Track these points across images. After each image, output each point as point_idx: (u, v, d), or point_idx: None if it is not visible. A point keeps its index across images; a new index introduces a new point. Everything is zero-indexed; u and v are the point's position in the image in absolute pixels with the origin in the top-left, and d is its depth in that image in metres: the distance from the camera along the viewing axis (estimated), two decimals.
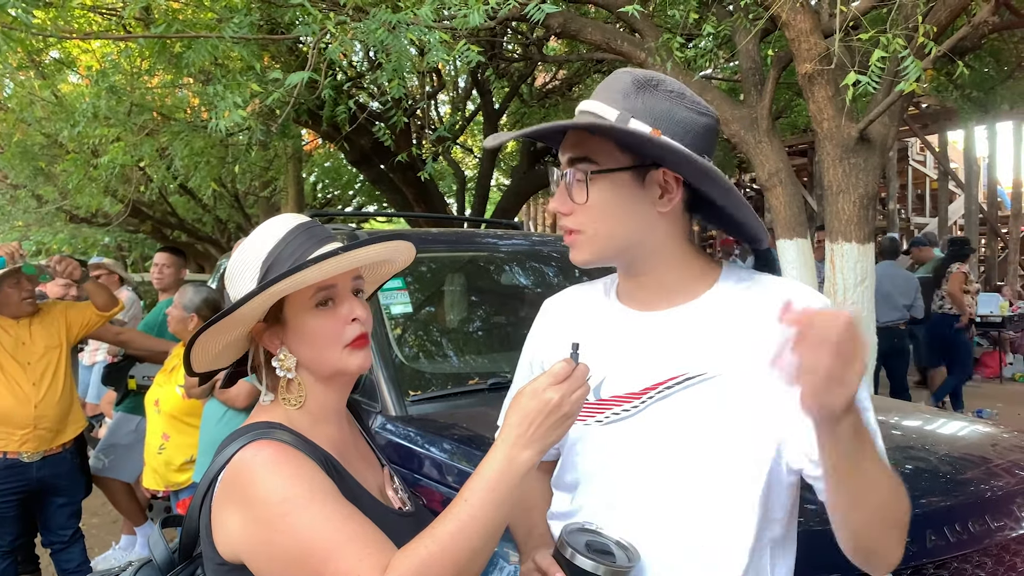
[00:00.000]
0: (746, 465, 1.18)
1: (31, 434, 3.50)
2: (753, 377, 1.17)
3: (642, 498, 1.20)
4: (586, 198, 1.21)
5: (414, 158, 7.16)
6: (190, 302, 3.55)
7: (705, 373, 1.19)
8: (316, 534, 1.03)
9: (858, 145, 3.99)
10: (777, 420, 1.17)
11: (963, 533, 1.77)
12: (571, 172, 1.23)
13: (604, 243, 1.23)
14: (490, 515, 1.03)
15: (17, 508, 3.56)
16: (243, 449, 1.11)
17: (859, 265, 4.15)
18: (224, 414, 3.14)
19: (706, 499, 1.18)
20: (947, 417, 2.84)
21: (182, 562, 1.24)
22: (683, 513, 1.18)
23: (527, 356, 1.49)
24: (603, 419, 1.25)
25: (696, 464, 1.18)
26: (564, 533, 1.15)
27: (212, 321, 1.14)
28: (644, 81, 1.20)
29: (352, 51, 6.54)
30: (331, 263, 1.15)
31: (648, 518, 1.18)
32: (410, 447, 2.39)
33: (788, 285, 1.26)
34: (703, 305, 1.25)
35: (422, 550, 1.01)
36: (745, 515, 1.18)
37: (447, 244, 3.63)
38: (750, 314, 1.21)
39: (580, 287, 1.47)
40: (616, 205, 1.21)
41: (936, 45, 3.30)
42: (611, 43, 4.62)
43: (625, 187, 1.22)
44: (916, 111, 13.12)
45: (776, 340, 1.08)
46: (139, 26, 6.18)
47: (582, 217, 1.23)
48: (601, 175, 1.21)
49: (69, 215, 12.41)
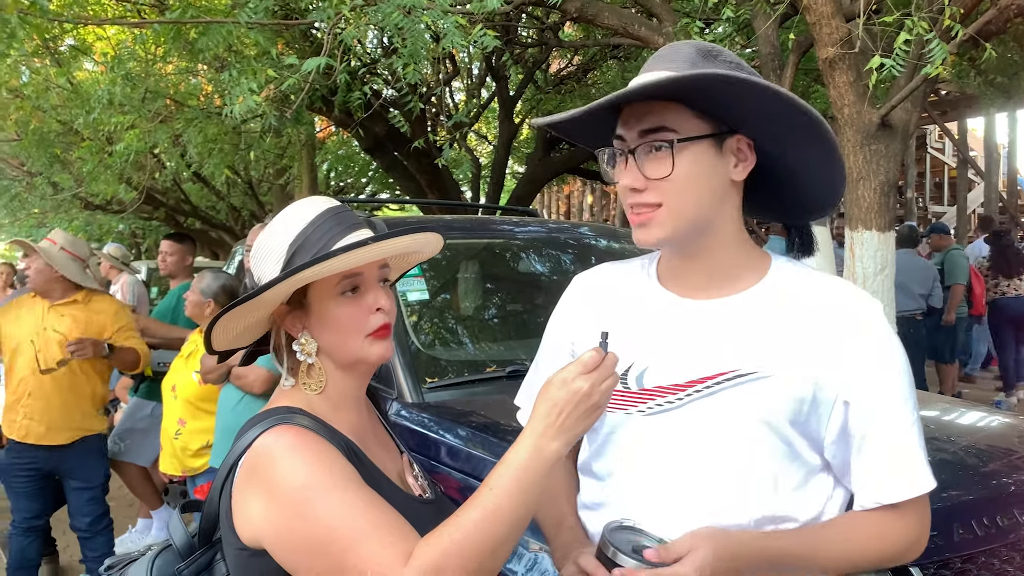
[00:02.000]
0: (792, 470, 1.17)
1: (23, 423, 3.51)
2: (803, 382, 1.15)
3: (680, 495, 1.17)
4: (671, 169, 1.14)
5: (429, 145, 7.14)
6: (207, 287, 3.56)
7: (757, 372, 1.16)
8: (338, 521, 1.02)
9: (879, 131, 3.93)
10: (825, 426, 1.16)
11: (991, 527, 1.74)
12: (644, 147, 1.16)
13: (686, 218, 1.17)
14: (516, 505, 1.01)
15: (32, 485, 3.59)
16: (264, 434, 1.10)
17: (879, 254, 4.10)
18: (240, 400, 3.14)
19: (748, 501, 1.15)
20: (966, 408, 2.80)
21: (201, 547, 1.23)
22: (722, 514, 1.15)
23: (554, 336, 1.44)
24: (645, 409, 1.21)
25: (740, 465, 1.16)
26: (606, 532, 1.12)
27: (237, 302, 1.13)
28: (707, 51, 1.17)
29: (366, 37, 6.51)
30: (361, 252, 1.13)
31: (685, 515, 1.15)
32: (426, 434, 2.38)
33: (841, 286, 1.22)
34: (755, 297, 1.21)
35: (446, 538, 0.99)
36: (787, 524, 1.16)
37: (463, 231, 3.61)
38: (804, 312, 1.18)
39: (615, 265, 1.41)
40: (699, 176, 1.16)
41: (962, 28, 3.24)
42: (628, 28, 4.57)
43: (706, 155, 1.16)
44: (935, 98, 12.94)
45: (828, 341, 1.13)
46: (153, 12, 6.18)
47: (660, 192, 1.16)
48: (686, 143, 1.15)
49: (84, 202, 12.48)
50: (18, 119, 8.88)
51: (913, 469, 1.16)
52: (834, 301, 1.19)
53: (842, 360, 1.15)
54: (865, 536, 1.17)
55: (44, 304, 3.63)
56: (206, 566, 1.21)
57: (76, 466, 3.67)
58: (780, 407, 1.15)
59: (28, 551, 3.67)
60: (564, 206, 22.81)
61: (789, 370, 1.15)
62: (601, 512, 1.25)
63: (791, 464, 1.16)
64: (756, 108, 1.15)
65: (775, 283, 1.22)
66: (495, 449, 2.11)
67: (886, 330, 1.18)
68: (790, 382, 1.14)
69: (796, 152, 1.20)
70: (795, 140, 1.19)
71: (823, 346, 1.15)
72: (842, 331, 1.16)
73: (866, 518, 1.18)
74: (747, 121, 1.17)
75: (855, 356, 1.15)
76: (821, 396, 1.15)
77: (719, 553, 1.07)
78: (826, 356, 1.15)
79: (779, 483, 1.16)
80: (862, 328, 1.16)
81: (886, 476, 1.15)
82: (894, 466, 1.15)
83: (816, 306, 1.18)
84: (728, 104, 1.14)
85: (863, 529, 1.17)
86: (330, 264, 1.11)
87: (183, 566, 1.21)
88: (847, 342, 1.15)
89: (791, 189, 1.27)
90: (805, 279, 1.23)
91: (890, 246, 4.14)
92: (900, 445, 1.16)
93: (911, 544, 1.20)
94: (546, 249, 3.73)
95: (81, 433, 3.66)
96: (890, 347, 1.18)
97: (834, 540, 1.17)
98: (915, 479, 1.16)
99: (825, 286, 1.21)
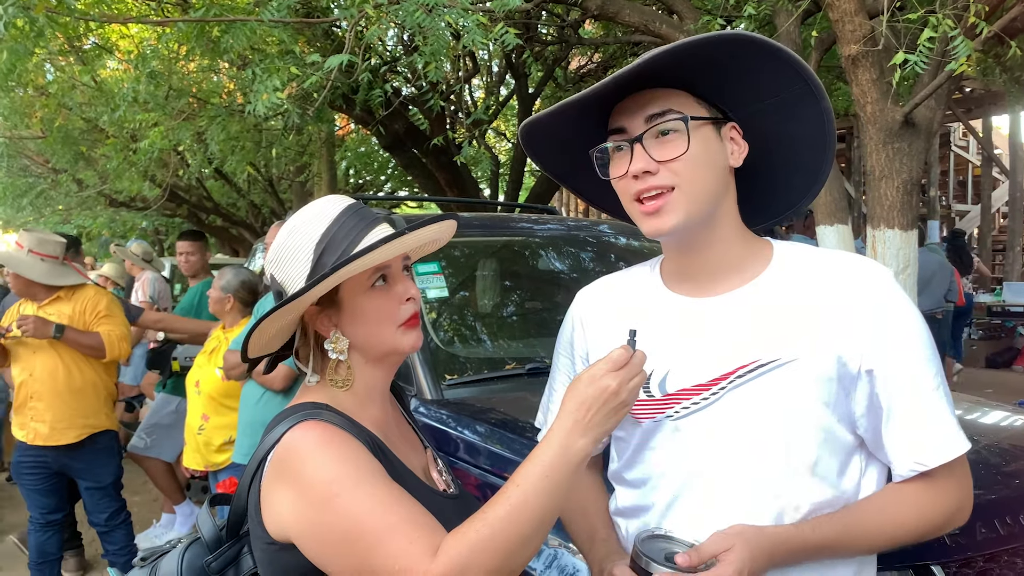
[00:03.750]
0: (830, 454, 1.16)
1: (30, 426, 3.51)
2: (826, 360, 1.14)
3: (717, 495, 1.17)
4: (686, 147, 1.14)
5: (448, 142, 7.15)
6: (228, 283, 3.61)
7: (779, 359, 1.15)
8: (366, 516, 1.03)
9: (902, 129, 3.89)
10: (855, 400, 1.16)
11: (1014, 526, 1.72)
12: (656, 128, 1.15)
13: (699, 201, 1.17)
14: (543, 501, 1.02)
15: (45, 482, 3.60)
16: (292, 430, 1.11)
17: (901, 252, 4.06)
18: (262, 395, 3.18)
19: (792, 492, 1.15)
20: (989, 407, 2.78)
21: (229, 540, 1.25)
22: (763, 509, 1.15)
23: (565, 354, 1.43)
24: (673, 414, 1.21)
25: (777, 457, 1.15)
26: (638, 542, 1.12)
27: (279, 305, 1.14)
28: None
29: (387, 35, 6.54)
30: (395, 244, 1.15)
31: (724, 516, 1.15)
32: (445, 430, 2.40)
33: (848, 258, 1.22)
34: (764, 285, 1.21)
35: (472, 533, 1.00)
36: (827, 510, 1.15)
37: (483, 228, 3.63)
38: (815, 291, 1.18)
39: (616, 276, 1.41)
40: (708, 157, 1.17)
41: (987, 25, 3.20)
42: (649, 25, 4.55)
43: (712, 139, 1.18)
44: (960, 95, 12.79)
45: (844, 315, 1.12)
46: (176, 11, 6.24)
47: (673, 174, 1.15)
48: (697, 123, 1.15)
49: (109, 199, 12.60)
50: (43, 117, 8.99)
51: (944, 432, 1.14)
52: (843, 274, 1.18)
53: (860, 330, 1.14)
54: (901, 510, 1.15)
55: (33, 307, 3.60)
56: (233, 559, 1.23)
57: (85, 467, 3.66)
58: (808, 390, 1.14)
59: (47, 546, 3.68)
60: (583, 204, 22.76)
61: (810, 351, 1.14)
62: (641, 518, 1.26)
63: (829, 447, 1.15)
64: (754, 82, 1.16)
65: (782, 268, 1.22)
66: (514, 446, 2.12)
67: (900, 295, 1.17)
68: (813, 363, 1.14)
69: (785, 128, 1.21)
70: (788, 114, 1.19)
71: (839, 320, 1.15)
72: (856, 302, 1.15)
73: (901, 491, 1.16)
74: (742, 101, 1.18)
75: (872, 324, 1.14)
76: (846, 370, 1.14)
77: (755, 552, 1.07)
78: (843, 330, 1.14)
79: (819, 469, 1.15)
80: (875, 296, 1.16)
81: (917, 441, 1.13)
82: (924, 430, 1.13)
83: (826, 282, 1.18)
84: (728, 80, 1.15)
85: (898, 503, 1.16)
86: (370, 257, 1.12)
87: (211, 559, 1.24)
88: (862, 312, 1.14)
89: (772, 181, 1.28)
90: (811, 258, 1.23)
91: (913, 245, 4.10)
92: (927, 409, 1.14)
93: (952, 513, 1.18)
94: (565, 247, 3.73)
95: (88, 431, 3.61)
96: (906, 312, 1.16)
97: (871, 520, 1.15)
98: (947, 442, 1.13)
99: (832, 261, 1.21)
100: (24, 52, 4.75)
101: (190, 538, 1.32)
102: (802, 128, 1.24)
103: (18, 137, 10.53)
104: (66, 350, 3.56)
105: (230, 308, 3.64)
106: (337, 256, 1.15)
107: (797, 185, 1.31)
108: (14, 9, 3.39)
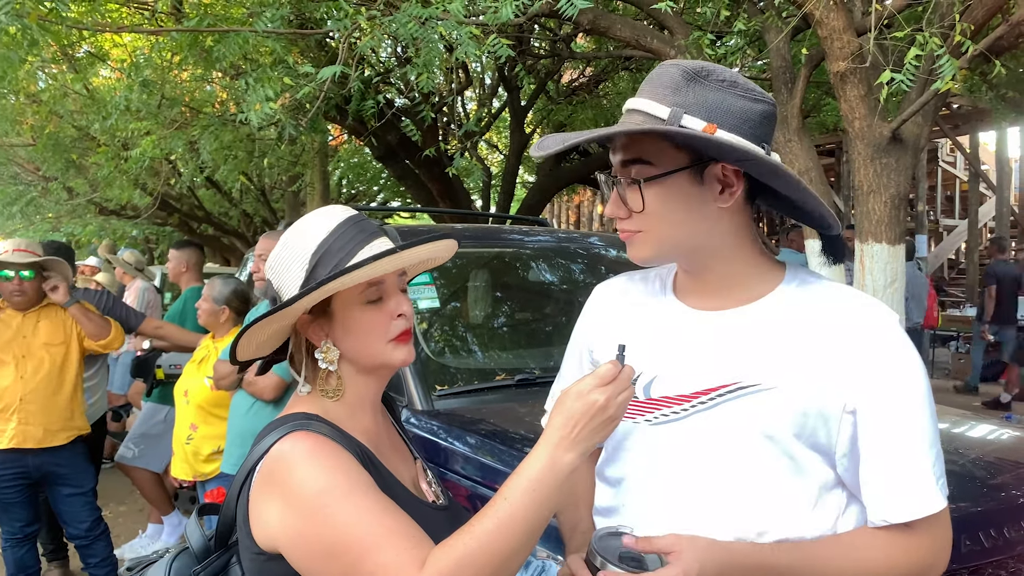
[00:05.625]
0: (799, 485, 1.15)
1: (18, 429, 3.46)
2: (807, 393, 1.12)
3: (684, 506, 1.18)
4: (642, 206, 1.16)
5: (441, 154, 7.18)
6: (220, 294, 3.59)
7: (759, 384, 1.14)
8: (354, 528, 1.03)
9: (890, 145, 3.94)
10: (835, 439, 1.13)
11: (998, 539, 1.74)
12: (623, 179, 1.17)
13: (665, 244, 1.19)
14: (530, 515, 1.02)
15: (22, 494, 3.54)
16: (282, 440, 1.11)
17: (889, 266, 4.10)
18: (251, 405, 3.16)
19: (756, 517, 1.15)
20: (976, 421, 2.80)
21: (217, 550, 1.24)
22: (724, 526, 1.14)
23: (576, 346, 1.46)
24: (652, 419, 1.22)
25: (740, 478, 1.15)
26: (594, 539, 1.12)
27: (270, 312, 1.14)
28: (694, 73, 1.14)
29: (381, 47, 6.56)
30: (390, 260, 1.15)
31: (689, 526, 1.14)
32: (436, 441, 2.40)
33: (852, 297, 1.19)
34: (763, 309, 1.20)
35: (460, 546, 1.00)
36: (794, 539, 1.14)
37: (475, 240, 3.64)
38: (813, 323, 1.15)
39: (634, 276, 1.42)
40: (674, 208, 1.16)
41: (973, 44, 3.25)
42: (640, 40, 4.59)
43: (683, 188, 1.15)
44: (947, 111, 12.92)
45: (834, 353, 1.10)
46: (170, 20, 6.25)
47: (640, 222, 1.17)
48: (656, 180, 1.15)
49: (99, 207, 12.58)
50: (34, 124, 8.98)
51: (920, 486, 1.09)
52: (844, 311, 1.16)
53: (849, 369, 1.11)
54: (870, 556, 1.12)
55: (16, 314, 3.58)
56: (222, 569, 1.23)
57: (69, 471, 3.63)
58: (782, 420, 1.12)
59: (27, 559, 3.62)
60: (574, 216, 22.83)
61: (793, 382, 1.12)
62: (613, 518, 1.27)
63: (797, 478, 1.14)
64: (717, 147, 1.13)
65: (786, 294, 1.20)
66: (504, 457, 2.13)
67: (900, 340, 1.13)
68: (793, 394, 1.12)
69: (770, 181, 1.19)
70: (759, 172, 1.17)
71: (830, 356, 1.12)
72: (850, 341, 1.12)
73: (873, 536, 1.12)
74: (724, 155, 1.14)
75: (862, 365, 1.11)
76: (828, 407, 1.12)
77: (706, 563, 1.06)
78: (832, 366, 1.12)
79: (784, 497, 1.14)
80: (872, 337, 1.12)
81: (890, 493, 1.10)
82: (899, 482, 1.09)
83: (826, 316, 1.15)
84: (696, 142, 1.13)
85: (868, 548, 1.12)
86: (361, 272, 1.13)
87: (199, 568, 1.23)
88: (855, 351, 1.12)
89: (791, 204, 1.26)
90: (817, 290, 1.20)
91: (900, 259, 4.14)
92: (908, 460, 1.09)
93: (923, 567, 1.13)
94: (556, 258, 3.75)
95: (75, 432, 3.65)
96: (902, 358, 1.12)
97: (836, 556, 1.12)
98: (921, 498, 1.09)
99: (837, 296, 1.18)
100: (16, 60, 4.75)
101: (178, 548, 1.32)
102: None
103: (9, 145, 10.50)
104: (56, 352, 3.58)
105: (224, 319, 3.63)
106: (331, 267, 1.15)
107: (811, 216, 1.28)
108: (7, 17, 3.39)
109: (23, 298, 3.54)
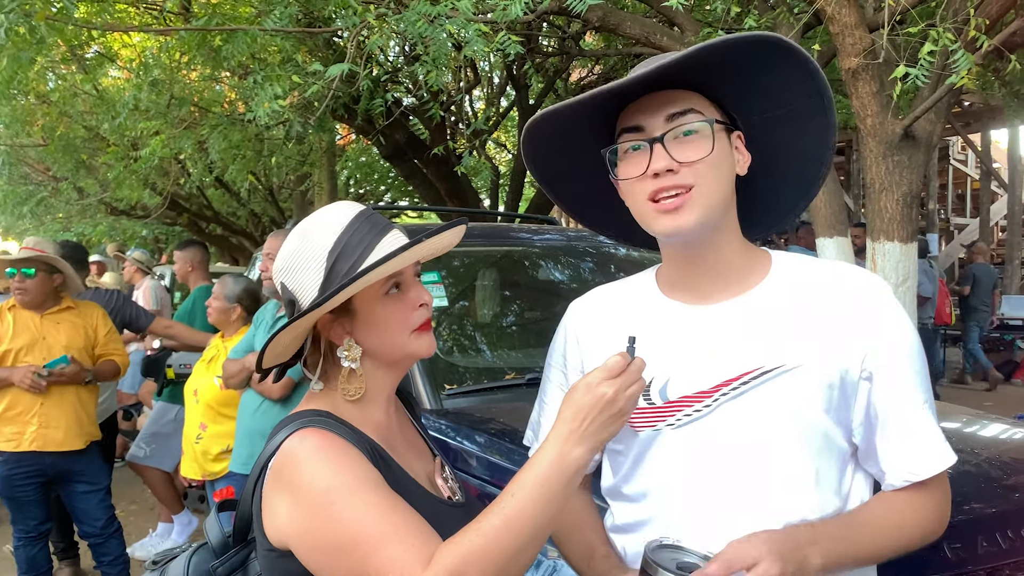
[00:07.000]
0: (830, 461, 1.16)
1: (38, 432, 3.47)
2: (830, 365, 1.15)
3: (723, 502, 1.15)
4: (711, 149, 1.14)
5: (449, 152, 7.17)
6: (232, 292, 3.59)
7: (783, 365, 1.15)
8: (361, 524, 1.02)
9: (902, 142, 3.90)
10: (853, 409, 1.17)
11: (1016, 539, 1.72)
12: (677, 128, 1.14)
13: (716, 203, 1.16)
14: (539, 511, 1.01)
15: (37, 492, 3.55)
16: (291, 437, 1.11)
17: (901, 265, 4.07)
18: (260, 404, 3.16)
19: (797, 498, 1.14)
20: (987, 420, 2.77)
21: (236, 545, 1.25)
22: (773, 514, 1.13)
23: (558, 368, 1.39)
24: (674, 422, 1.20)
25: (780, 462, 1.14)
26: (647, 551, 1.07)
27: (301, 314, 1.13)
28: None
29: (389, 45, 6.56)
30: (413, 252, 1.15)
31: (735, 522, 1.12)
32: (445, 440, 2.39)
33: (845, 268, 1.23)
34: (766, 293, 1.21)
35: (467, 543, 1.00)
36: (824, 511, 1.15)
37: (483, 238, 3.63)
38: (817, 299, 1.18)
39: (609, 287, 1.39)
40: (725, 160, 1.17)
41: (988, 39, 3.21)
42: (650, 37, 4.57)
43: (727, 145, 1.18)
44: (959, 109, 12.83)
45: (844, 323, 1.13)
46: (179, 20, 6.26)
47: (693, 174, 1.13)
48: (720, 125, 1.16)
49: (109, 207, 12.62)
50: (44, 125, 9.01)
51: (935, 444, 1.16)
52: (842, 283, 1.19)
53: (859, 338, 1.15)
54: (902, 516, 1.17)
55: (35, 315, 3.57)
56: (240, 564, 1.24)
57: (84, 469, 3.64)
58: (812, 397, 1.14)
59: (40, 558, 3.63)
60: None
61: (815, 358, 1.14)
62: (641, 532, 1.23)
63: (829, 455, 1.16)
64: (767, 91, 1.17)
65: (782, 276, 1.22)
66: (513, 456, 2.11)
67: (896, 306, 1.19)
68: (817, 370, 1.14)
69: (787, 140, 1.22)
70: (792, 127, 1.20)
71: (839, 328, 1.16)
72: (856, 309, 1.16)
73: (899, 498, 1.17)
74: (750, 110, 1.19)
75: (870, 332, 1.15)
76: (848, 377, 1.15)
77: (785, 555, 1.03)
78: (844, 337, 1.15)
79: (820, 477, 1.15)
80: (874, 303, 1.17)
81: (913, 453, 1.15)
82: (918, 443, 1.16)
83: (828, 292, 1.18)
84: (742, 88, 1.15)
85: (899, 510, 1.17)
86: (388, 265, 1.12)
87: (217, 564, 1.24)
88: (862, 318, 1.16)
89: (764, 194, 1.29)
90: (811, 268, 1.24)
91: (912, 257, 4.11)
92: (922, 417, 1.16)
93: (940, 520, 1.20)
94: (565, 257, 3.73)
95: (92, 437, 3.67)
96: (903, 321, 1.19)
97: (874, 525, 1.15)
98: (940, 454, 1.16)
99: (833, 271, 1.22)
100: (26, 60, 4.76)
101: (198, 543, 1.33)
102: (804, 142, 1.24)
103: (19, 145, 10.55)
104: (78, 357, 3.58)
105: (236, 317, 3.63)
106: (351, 264, 1.14)
107: (785, 199, 1.33)
108: (15, 16, 3.40)
109: (26, 296, 3.53)
